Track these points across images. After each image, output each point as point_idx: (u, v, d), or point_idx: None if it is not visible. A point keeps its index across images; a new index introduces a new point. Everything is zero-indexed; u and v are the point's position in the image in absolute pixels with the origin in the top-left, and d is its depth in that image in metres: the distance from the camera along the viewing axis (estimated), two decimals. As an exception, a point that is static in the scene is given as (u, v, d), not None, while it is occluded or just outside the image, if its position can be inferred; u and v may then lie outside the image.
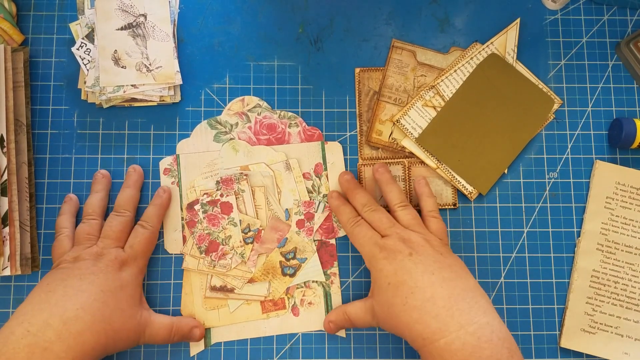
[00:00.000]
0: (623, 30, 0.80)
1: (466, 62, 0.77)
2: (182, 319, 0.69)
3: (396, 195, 0.70)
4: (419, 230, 0.66)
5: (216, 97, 0.77)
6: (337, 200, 0.72)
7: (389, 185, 0.71)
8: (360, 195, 0.71)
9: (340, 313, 0.69)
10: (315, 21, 0.79)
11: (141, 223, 0.70)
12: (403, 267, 0.62)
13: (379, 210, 0.69)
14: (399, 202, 0.69)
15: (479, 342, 0.57)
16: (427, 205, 0.71)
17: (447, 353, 0.58)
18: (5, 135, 0.69)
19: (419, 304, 0.60)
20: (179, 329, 0.68)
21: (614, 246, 0.74)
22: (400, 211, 0.69)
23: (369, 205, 0.69)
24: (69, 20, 0.77)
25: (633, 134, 0.73)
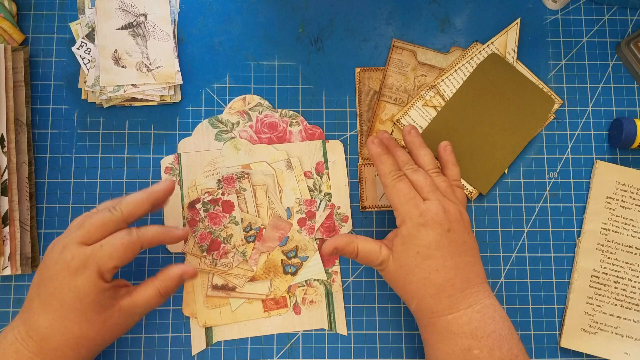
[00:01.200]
0: (623, 30, 0.80)
1: (466, 62, 0.77)
2: (166, 277, 0.62)
3: (430, 159, 0.68)
4: (453, 200, 0.65)
5: (216, 96, 0.77)
6: (379, 148, 0.68)
7: (421, 149, 0.69)
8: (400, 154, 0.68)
9: (351, 245, 0.65)
10: (316, 21, 0.79)
11: (130, 230, 0.61)
12: (438, 243, 0.62)
13: (421, 171, 0.66)
14: (433, 167, 0.67)
15: (484, 317, 0.61)
16: (452, 173, 0.69)
17: (454, 325, 0.61)
18: (6, 135, 0.69)
19: (440, 282, 0.61)
20: (167, 288, 0.62)
21: (614, 246, 0.74)
22: (436, 177, 0.66)
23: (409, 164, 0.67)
24: (69, 20, 0.77)
25: (633, 134, 0.73)
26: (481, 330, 0.60)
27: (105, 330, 0.60)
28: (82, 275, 0.58)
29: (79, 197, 0.73)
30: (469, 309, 0.61)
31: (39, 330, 0.58)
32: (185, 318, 0.72)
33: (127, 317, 0.61)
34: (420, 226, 0.62)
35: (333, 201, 0.74)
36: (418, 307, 0.63)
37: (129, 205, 0.62)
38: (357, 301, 0.73)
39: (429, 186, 0.64)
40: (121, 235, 0.59)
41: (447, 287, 0.61)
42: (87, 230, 0.59)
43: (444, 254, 0.62)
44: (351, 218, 0.74)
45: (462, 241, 0.63)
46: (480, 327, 0.60)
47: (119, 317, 0.60)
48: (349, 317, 0.73)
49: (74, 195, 0.74)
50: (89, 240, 0.59)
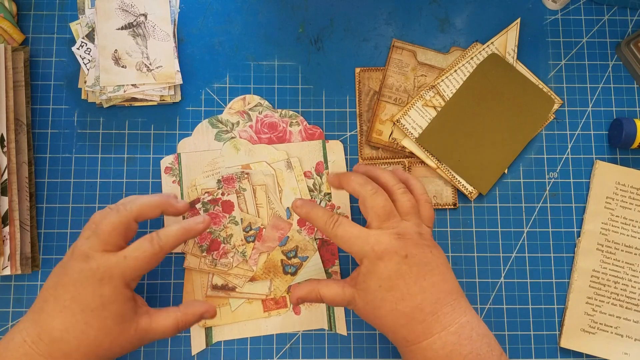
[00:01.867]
0: (623, 30, 0.80)
1: (466, 62, 0.77)
2: (188, 313, 0.63)
3: (390, 176, 0.67)
4: (413, 219, 0.63)
5: (216, 96, 0.77)
6: (305, 206, 0.66)
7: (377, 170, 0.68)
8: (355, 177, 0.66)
9: (313, 293, 0.64)
10: (316, 21, 0.79)
11: (152, 237, 0.61)
12: (397, 271, 0.60)
13: (380, 193, 0.64)
14: (396, 182, 0.66)
15: (460, 339, 0.59)
16: (416, 188, 0.67)
17: (429, 352, 0.59)
18: (6, 135, 0.69)
19: (408, 311, 0.60)
20: (186, 323, 0.63)
21: (614, 246, 0.74)
22: (401, 195, 0.65)
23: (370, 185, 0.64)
24: (70, 20, 0.77)
25: (633, 134, 0.73)
26: (457, 353, 0.58)
27: (117, 343, 0.59)
28: (109, 284, 0.58)
29: (79, 197, 0.74)
30: (443, 332, 0.59)
31: (51, 332, 0.57)
32: (185, 318, 0.72)
33: (140, 337, 0.61)
34: (376, 259, 0.61)
35: (333, 201, 0.74)
36: (393, 338, 0.62)
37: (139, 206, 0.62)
38: (357, 301, 0.73)
39: (385, 214, 0.63)
40: (144, 247, 0.60)
41: (417, 313, 0.59)
42: (103, 239, 0.59)
43: (406, 282, 0.60)
44: (351, 218, 0.74)
45: (424, 263, 0.61)
46: (455, 350, 0.58)
47: (134, 334, 0.60)
48: (349, 317, 0.73)
49: (73, 195, 0.74)
50: (109, 245, 0.60)
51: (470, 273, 0.74)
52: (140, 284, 0.72)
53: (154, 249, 0.60)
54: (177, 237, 0.62)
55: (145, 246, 0.60)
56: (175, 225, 0.63)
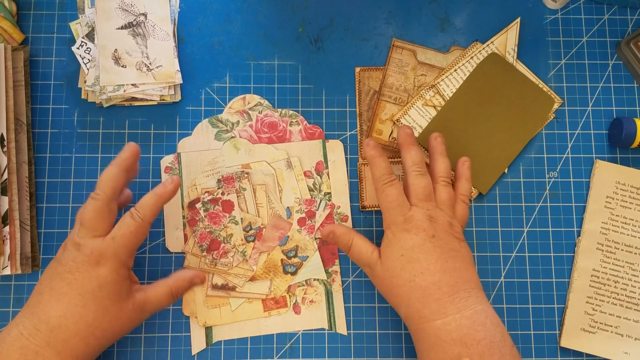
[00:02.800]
0: (623, 29, 0.80)
1: (466, 61, 0.77)
2: (178, 278, 0.66)
3: (445, 168, 0.69)
4: (447, 211, 0.66)
5: (216, 96, 0.77)
6: (374, 150, 0.68)
7: (441, 156, 0.70)
8: (414, 152, 0.68)
9: (347, 237, 0.68)
10: (316, 20, 0.79)
11: (131, 212, 0.63)
12: (421, 246, 0.62)
13: (425, 177, 0.67)
14: (446, 176, 0.68)
15: (474, 324, 0.60)
16: (462, 188, 0.70)
17: (442, 332, 0.60)
18: (6, 134, 0.69)
19: (425, 285, 0.61)
20: (178, 289, 0.66)
21: (614, 246, 0.74)
22: (442, 187, 0.67)
23: (418, 165, 0.67)
24: (69, 20, 0.77)
25: (633, 133, 0.73)
26: (470, 337, 0.59)
27: (116, 321, 0.61)
28: (104, 265, 0.61)
29: (79, 197, 0.73)
30: (458, 315, 0.60)
31: (49, 321, 0.59)
32: (185, 318, 0.72)
33: (138, 312, 0.63)
34: (404, 231, 0.63)
35: (333, 201, 0.74)
36: (406, 312, 0.63)
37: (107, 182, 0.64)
38: (357, 301, 0.73)
39: (424, 195, 0.65)
40: (127, 223, 0.62)
41: (433, 290, 0.61)
42: (89, 226, 0.62)
43: (427, 257, 0.62)
44: (351, 217, 0.74)
45: (448, 248, 0.63)
46: (469, 334, 0.59)
47: (132, 310, 0.63)
48: (349, 316, 0.73)
49: (74, 195, 0.74)
50: (97, 231, 0.62)
51: (470, 272, 0.74)
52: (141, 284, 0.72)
53: (136, 222, 0.62)
54: (153, 204, 0.64)
55: (128, 222, 0.62)
56: (148, 194, 0.65)
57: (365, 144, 0.69)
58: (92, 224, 0.62)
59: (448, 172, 0.69)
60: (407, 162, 0.68)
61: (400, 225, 0.64)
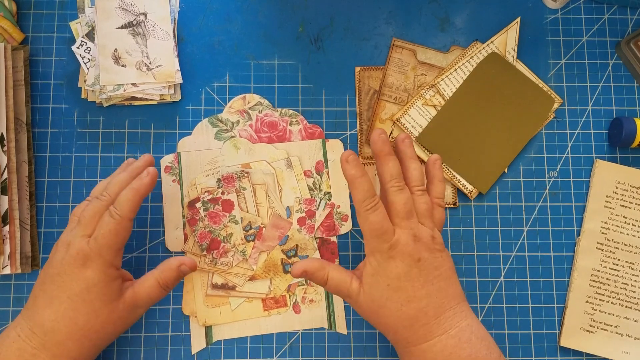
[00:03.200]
0: (623, 29, 0.80)
1: (466, 61, 0.77)
2: (165, 269, 0.64)
3: (418, 175, 0.65)
4: (428, 223, 0.63)
5: (216, 96, 0.77)
6: (355, 169, 0.62)
7: (412, 161, 0.66)
8: (391, 165, 0.63)
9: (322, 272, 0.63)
10: (316, 20, 0.79)
11: (110, 210, 0.62)
12: (407, 274, 0.60)
13: (405, 191, 0.62)
14: (420, 184, 0.65)
15: (459, 342, 0.60)
16: (436, 191, 0.66)
17: (429, 354, 0.60)
18: (6, 134, 0.69)
19: (413, 313, 0.60)
20: (166, 279, 0.64)
21: (614, 245, 0.74)
22: (419, 197, 0.64)
23: (396, 180, 0.63)
24: (69, 19, 0.77)
25: (633, 133, 0.73)
26: (456, 356, 0.59)
27: (109, 323, 0.61)
28: (90, 266, 0.60)
29: (79, 196, 0.73)
30: (444, 335, 0.60)
31: (43, 324, 0.59)
32: (185, 317, 0.72)
33: (130, 310, 0.63)
34: (389, 259, 0.61)
35: (333, 200, 0.74)
36: (394, 338, 0.62)
37: (115, 187, 0.64)
38: (357, 300, 0.73)
39: (405, 212, 0.62)
40: (106, 222, 0.61)
41: (420, 316, 0.60)
42: (85, 224, 0.62)
43: (414, 285, 0.60)
44: (351, 217, 0.74)
45: (433, 267, 0.61)
46: (454, 352, 0.59)
47: (123, 309, 0.62)
48: (349, 316, 0.73)
49: (73, 194, 0.74)
50: (89, 231, 0.62)
51: (470, 272, 0.74)
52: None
53: (115, 220, 0.61)
54: (130, 200, 0.62)
55: (107, 220, 0.61)
56: (126, 189, 0.63)
57: (344, 159, 0.63)
58: (87, 223, 0.62)
59: (422, 179, 0.66)
60: (385, 176, 0.64)
61: (385, 253, 0.61)
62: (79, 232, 0.61)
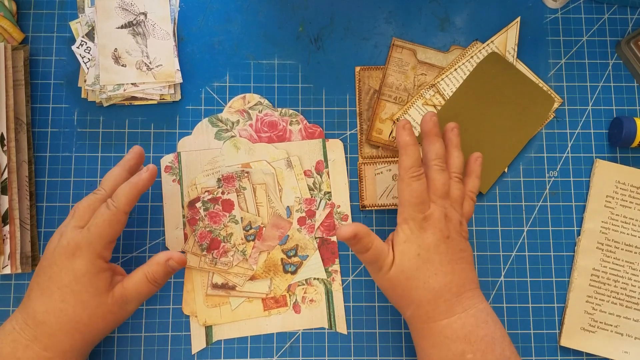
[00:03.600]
0: (623, 29, 0.80)
1: (466, 60, 0.77)
2: (152, 263, 0.64)
3: (459, 164, 0.68)
4: (458, 209, 0.66)
5: (216, 95, 0.77)
6: (410, 137, 0.65)
7: (456, 150, 0.69)
8: (439, 145, 0.66)
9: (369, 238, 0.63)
10: (316, 20, 0.79)
11: (107, 202, 0.63)
12: (437, 247, 0.62)
13: (445, 173, 0.65)
14: (459, 172, 0.68)
15: (477, 322, 0.61)
16: (472, 185, 0.69)
17: (448, 330, 0.61)
18: (6, 134, 0.69)
19: (438, 287, 0.62)
20: (154, 274, 0.63)
21: (614, 245, 0.74)
22: (456, 183, 0.67)
23: (440, 160, 0.66)
24: (69, 19, 0.77)
25: (633, 132, 0.73)
26: (474, 334, 0.60)
27: (98, 316, 0.61)
28: (79, 257, 0.61)
29: (79, 196, 0.73)
30: (464, 314, 0.61)
31: (35, 316, 0.60)
32: (185, 317, 0.72)
33: (119, 304, 0.63)
34: (421, 229, 0.63)
35: (333, 200, 0.74)
36: (414, 313, 0.63)
37: (109, 181, 0.65)
38: (357, 300, 0.73)
39: (443, 191, 0.64)
40: (101, 212, 0.62)
41: (444, 291, 0.62)
42: (78, 215, 0.63)
43: (441, 259, 0.62)
44: (351, 217, 0.74)
45: (458, 249, 0.64)
46: (473, 331, 0.61)
47: (113, 303, 0.62)
48: (349, 315, 0.73)
49: (74, 194, 0.74)
50: (82, 223, 0.63)
51: (470, 272, 0.74)
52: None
53: (110, 211, 0.62)
54: (128, 193, 0.63)
55: (103, 211, 0.62)
56: (124, 183, 0.64)
57: (401, 126, 0.66)
58: (81, 215, 0.63)
59: (462, 168, 0.68)
60: (430, 154, 0.66)
61: (419, 223, 0.63)
62: (72, 222, 0.63)
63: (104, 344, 0.71)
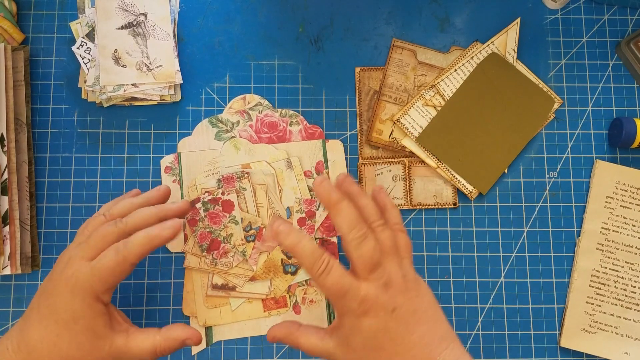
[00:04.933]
0: (623, 29, 0.80)
1: (466, 61, 0.77)
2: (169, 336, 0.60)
3: (374, 210, 0.61)
4: (395, 259, 0.58)
5: (216, 96, 0.77)
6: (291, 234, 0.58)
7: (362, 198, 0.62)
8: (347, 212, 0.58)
9: (291, 337, 0.60)
10: (316, 20, 0.79)
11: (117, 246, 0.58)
12: (384, 329, 0.55)
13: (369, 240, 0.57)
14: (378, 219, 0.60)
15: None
16: (393, 216, 0.62)
17: None
18: (6, 134, 0.69)
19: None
20: (165, 349, 0.59)
21: (614, 246, 0.74)
22: (380, 233, 0.59)
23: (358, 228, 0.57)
24: (70, 19, 0.77)
25: (633, 133, 0.73)
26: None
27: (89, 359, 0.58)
28: (78, 295, 0.57)
29: (79, 197, 0.73)
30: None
31: (29, 342, 0.57)
32: (185, 318, 0.72)
33: (114, 357, 0.59)
34: (362, 316, 0.55)
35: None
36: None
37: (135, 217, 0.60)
38: (357, 301, 0.73)
39: (372, 264, 0.56)
40: (109, 256, 0.57)
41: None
42: (90, 246, 0.59)
43: (394, 340, 0.55)
44: (351, 218, 0.74)
45: (411, 312, 0.56)
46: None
47: (108, 354, 0.58)
48: (349, 316, 0.73)
49: (74, 195, 0.74)
50: (91, 254, 0.58)
51: (470, 272, 0.74)
52: (141, 284, 0.72)
53: (117, 259, 0.57)
54: (141, 245, 0.58)
55: (110, 255, 0.57)
56: (141, 233, 0.59)
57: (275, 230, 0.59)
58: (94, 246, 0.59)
59: (377, 212, 0.61)
60: (343, 228, 0.57)
61: (356, 311, 0.55)
62: (81, 252, 0.58)
63: (104, 344, 0.71)
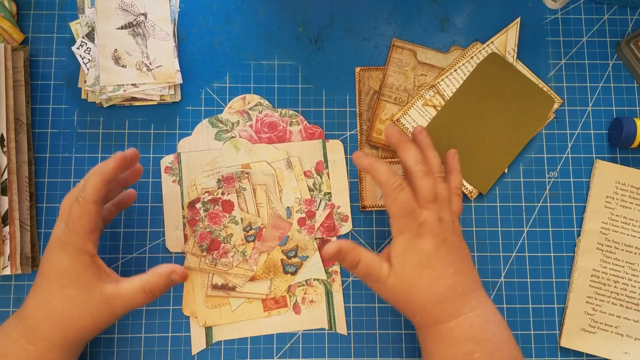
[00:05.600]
0: (623, 29, 0.80)
1: (466, 61, 0.77)
2: (154, 273, 0.62)
3: (438, 163, 0.67)
4: (448, 209, 0.65)
5: (216, 96, 0.77)
6: (367, 158, 0.66)
7: (431, 150, 0.67)
8: (414, 150, 0.65)
9: (354, 252, 0.63)
10: (316, 20, 0.79)
11: (77, 195, 0.61)
12: (437, 252, 0.62)
13: (430, 176, 0.64)
14: (440, 171, 0.66)
15: (484, 322, 0.61)
16: (455, 181, 0.68)
17: (456, 331, 0.61)
18: (6, 134, 0.69)
19: (443, 290, 0.61)
20: (153, 286, 0.62)
21: (614, 245, 0.74)
22: (439, 183, 0.65)
23: (421, 164, 0.65)
24: (69, 19, 0.77)
25: (633, 133, 0.73)
26: (482, 334, 0.60)
27: (86, 313, 0.61)
28: (62, 252, 0.61)
29: (79, 197, 0.74)
30: (471, 314, 0.61)
31: (26, 311, 0.61)
32: (185, 318, 0.72)
33: (107, 306, 0.61)
34: (417, 237, 0.62)
35: (333, 201, 0.74)
36: (422, 316, 0.63)
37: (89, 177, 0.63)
38: (357, 301, 0.73)
39: (432, 196, 0.64)
40: (73, 207, 0.61)
41: (450, 293, 0.61)
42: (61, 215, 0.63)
43: (442, 263, 0.62)
44: (351, 217, 0.74)
45: (457, 249, 0.64)
46: (481, 331, 0.60)
47: (100, 302, 0.61)
48: (349, 316, 0.73)
49: (74, 195, 0.74)
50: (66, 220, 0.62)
51: (470, 272, 0.74)
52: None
53: (80, 204, 0.60)
54: (94, 184, 0.60)
55: (74, 206, 0.61)
56: (91, 173, 0.62)
57: (355, 158, 0.67)
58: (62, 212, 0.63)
59: (441, 167, 0.67)
60: (409, 162, 0.65)
61: (414, 231, 0.62)
62: (58, 222, 0.63)
63: (104, 344, 0.71)
